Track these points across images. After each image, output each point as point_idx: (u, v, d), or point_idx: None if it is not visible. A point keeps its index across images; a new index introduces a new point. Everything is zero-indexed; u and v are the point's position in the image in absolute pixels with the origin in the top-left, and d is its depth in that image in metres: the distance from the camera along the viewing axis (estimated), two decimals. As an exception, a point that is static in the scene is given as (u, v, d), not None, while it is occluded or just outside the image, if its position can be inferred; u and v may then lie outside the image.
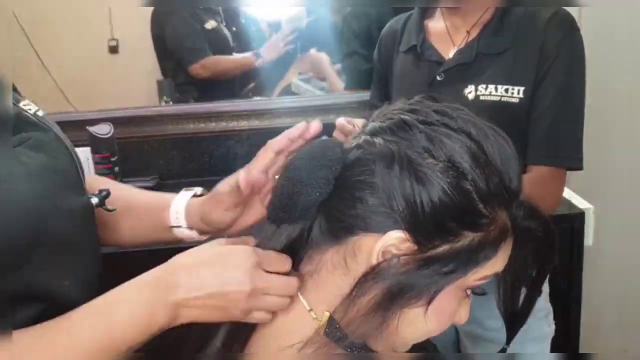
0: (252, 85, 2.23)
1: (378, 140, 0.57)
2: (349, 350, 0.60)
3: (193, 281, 0.60)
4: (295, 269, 0.64)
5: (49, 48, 2.19)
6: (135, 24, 2.16)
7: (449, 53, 1.15)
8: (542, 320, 1.23)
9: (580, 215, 1.58)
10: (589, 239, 1.64)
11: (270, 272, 0.61)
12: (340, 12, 2.11)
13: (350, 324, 0.56)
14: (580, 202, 1.64)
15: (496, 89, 1.10)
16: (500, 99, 1.09)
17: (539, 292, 0.67)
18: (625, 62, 1.62)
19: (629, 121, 1.64)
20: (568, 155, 1.10)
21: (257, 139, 1.86)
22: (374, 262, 0.55)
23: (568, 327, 1.65)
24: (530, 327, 1.19)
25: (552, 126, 1.09)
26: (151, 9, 2.13)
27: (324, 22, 2.17)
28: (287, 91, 2.17)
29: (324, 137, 0.61)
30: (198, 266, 0.61)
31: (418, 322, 0.57)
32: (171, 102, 2.05)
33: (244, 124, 1.88)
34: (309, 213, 0.58)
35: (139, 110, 1.87)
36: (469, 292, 0.60)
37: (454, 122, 0.57)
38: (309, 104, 1.87)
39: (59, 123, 0.74)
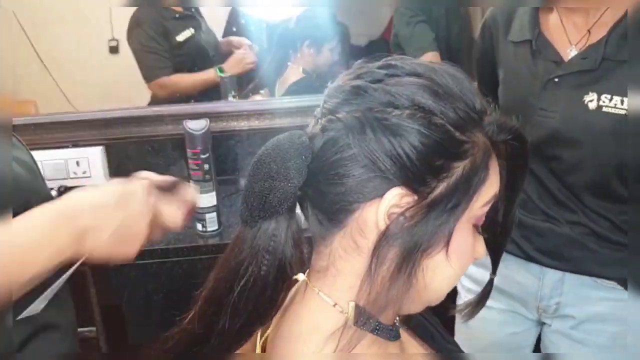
0: (252, 85, 2.23)
1: (341, 115, 0.57)
2: (376, 333, 0.59)
3: (97, 214, 0.70)
4: (307, 268, 0.63)
5: (49, 48, 2.19)
6: (135, 24, 2.16)
7: (567, 51, 1.04)
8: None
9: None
10: (589, 239, 1.64)
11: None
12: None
13: (377, 299, 0.56)
14: (580, 202, 1.63)
15: (622, 101, 0.97)
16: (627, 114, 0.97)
17: (517, 206, 0.66)
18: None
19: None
20: None
21: (257, 139, 1.89)
22: (382, 227, 0.56)
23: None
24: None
25: None
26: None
27: (316, 15, 2.15)
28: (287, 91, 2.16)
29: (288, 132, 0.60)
30: (101, 204, 0.71)
31: (443, 268, 0.58)
32: (237, 97, 2.02)
33: (244, 124, 1.88)
34: (284, 206, 0.57)
35: (139, 110, 1.87)
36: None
37: (400, 69, 0.58)
38: (309, 103, 1.86)
39: (59, 123, 0.76)
